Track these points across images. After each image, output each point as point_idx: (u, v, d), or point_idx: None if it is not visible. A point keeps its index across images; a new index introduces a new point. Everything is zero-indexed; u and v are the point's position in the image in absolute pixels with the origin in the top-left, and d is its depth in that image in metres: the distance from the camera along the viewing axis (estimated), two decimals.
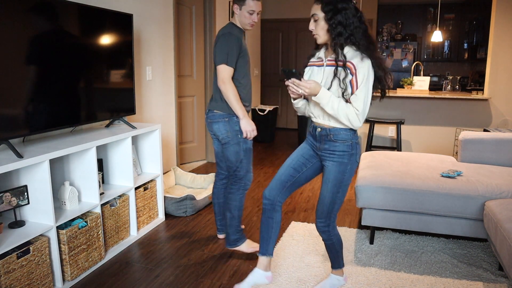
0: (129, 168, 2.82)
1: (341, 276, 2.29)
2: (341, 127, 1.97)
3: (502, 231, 2.16)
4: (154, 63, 3.75)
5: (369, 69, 1.88)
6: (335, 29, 1.87)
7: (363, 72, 1.87)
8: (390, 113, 5.06)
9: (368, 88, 1.90)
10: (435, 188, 2.66)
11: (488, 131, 4.38)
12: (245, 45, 2.56)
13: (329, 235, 2.13)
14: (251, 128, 2.52)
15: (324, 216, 2.08)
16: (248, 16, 2.48)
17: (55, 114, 2.38)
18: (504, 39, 4.68)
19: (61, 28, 2.37)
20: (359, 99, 1.89)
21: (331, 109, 1.90)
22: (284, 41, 7.54)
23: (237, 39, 2.45)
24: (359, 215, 3.37)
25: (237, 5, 2.49)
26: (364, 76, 1.87)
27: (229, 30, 2.48)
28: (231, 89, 2.44)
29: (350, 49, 1.91)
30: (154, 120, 3.82)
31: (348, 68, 1.88)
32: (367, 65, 1.88)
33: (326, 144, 2.02)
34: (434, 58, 8.04)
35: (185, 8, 4.53)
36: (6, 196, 2.04)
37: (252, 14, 2.48)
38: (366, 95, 1.90)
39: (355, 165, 2.03)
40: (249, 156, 2.61)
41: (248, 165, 2.61)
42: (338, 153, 1.99)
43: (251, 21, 2.51)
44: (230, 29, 2.50)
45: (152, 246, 2.83)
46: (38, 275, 2.12)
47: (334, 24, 1.87)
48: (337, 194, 2.04)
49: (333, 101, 1.89)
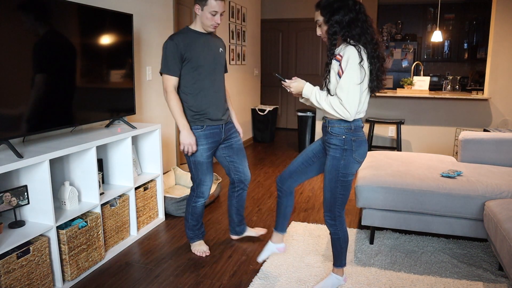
0: (129, 168, 2.82)
1: (341, 276, 2.30)
2: (336, 119, 2.02)
3: (502, 231, 2.16)
4: (154, 63, 3.75)
5: (351, 55, 1.89)
6: (331, 29, 1.95)
7: (345, 59, 1.91)
8: (390, 113, 5.06)
9: (351, 76, 1.89)
10: (435, 188, 2.66)
11: (488, 131, 4.38)
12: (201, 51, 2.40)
13: (336, 229, 2.18)
14: (188, 141, 2.39)
15: (328, 210, 2.15)
16: (210, 17, 2.34)
17: (55, 114, 2.38)
18: (504, 39, 4.68)
19: (61, 28, 2.37)
20: (341, 87, 1.91)
21: (315, 101, 1.99)
22: (284, 41, 7.54)
23: (175, 46, 2.33)
24: (359, 215, 3.37)
25: (198, 5, 2.34)
26: (346, 63, 1.90)
27: (171, 36, 2.38)
28: (170, 99, 2.37)
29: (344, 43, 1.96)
30: (154, 120, 3.82)
31: (337, 60, 1.94)
32: (348, 51, 1.90)
33: (326, 136, 2.10)
34: (434, 58, 8.04)
35: (185, 8, 4.53)
36: (6, 196, 2.04)
37: (214, 15, 2.34)
38: (350, 83, 1.90)
39: (351, 162, 2.03)
40: (200, 169, 2.51)
41: (198, 177, 2.53)
42: (332, 146, 2.05)
43: (213, 23, 2.37)
44: (174, 34, 2.41)
45: (152, 246, 2.83)
46: (38, 275, 2.12)
47: (331, 25, 1.94)
48: (336, 189, 2.07)
49: (315, 93, 1.98)
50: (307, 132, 5.66)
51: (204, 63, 2.42)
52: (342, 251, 2.24)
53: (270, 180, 4.44)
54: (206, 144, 2.49)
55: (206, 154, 2.50)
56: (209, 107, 2.47)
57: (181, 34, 2.41)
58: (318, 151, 2.21)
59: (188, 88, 2.43)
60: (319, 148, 2.21)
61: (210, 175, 2.57)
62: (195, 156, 2.48)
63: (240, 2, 5.75)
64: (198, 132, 2.46)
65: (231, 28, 5.47)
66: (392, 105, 5.03)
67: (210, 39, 2.48)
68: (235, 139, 2.66)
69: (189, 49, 2.37)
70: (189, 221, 2.68)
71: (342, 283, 2.32)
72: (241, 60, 5.95)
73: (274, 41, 7.59)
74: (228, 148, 2.64)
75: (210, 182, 2.58)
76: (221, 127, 2.54)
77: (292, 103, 7.69)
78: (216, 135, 2.53)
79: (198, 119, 2.46)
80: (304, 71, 7.49)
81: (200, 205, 2.63)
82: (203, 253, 2.70)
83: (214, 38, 2.53)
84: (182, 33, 2.41)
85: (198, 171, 2.52)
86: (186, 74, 2.41)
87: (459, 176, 2.81)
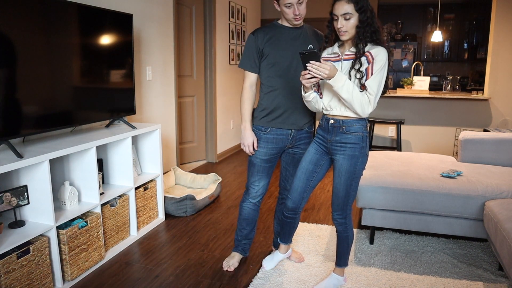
0: (129, 168, 2.82)
1: (342, 276, 2.31)
2: (355, 118, 2.01)
3: (502, 231, 2.16)
4: (154, 63, 3.75)
5: (386, 58, 1.93)
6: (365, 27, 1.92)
7: (380, 59, 1.92)
8: (390, 113, 5.06)
9: (383, 76, 1.94)
10: (435, 188, 2.66)
11: (488, 131, 4.38)
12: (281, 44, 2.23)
13: (346, 227, 2.18)
14: (247, 142, 2.30)
15: (341, 209, 2.14)
16: (287, 10, 2.15)
17: (55, 114, 2.38)
18: (504, 39, 4.68)
19: (61, 28, 2.37)
20: (374, 81, 1.92)
21: (346, 92, 1.89)
22: None
23: (254, 40, 2.23)
24: (359, 215, 3.37)
25: (275, 1, 2.19)
26: (381, 64, 1.92)
27: (254, 30, 2.28)
28: (242, 95, 2.30)
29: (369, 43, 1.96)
30: (154, 120, 3.82)
31: (365, 57, 1.93)
32: (384, 53, 1.93)
33: (337, 136, 2.04)
34: (434, 58, 8.04)
35: (185, 8, 4.53)
36: (6, 196, 2.04)
37: (289, 7, 2.13)
38: (381, 81, 1.94)
39: (365, 158, 2.06)
40: (251, 169, 2.40)
41: (248, 177, 2.44)
42: (349, 145, 2.02)
43: (293, 15, 2.15)
44: (257, 29, 2.29)
45: (152, 246, 2.83)
46: (38, 275, 2.11)
47: (364, 22, 1.92)
48: (350, 187, 2.08)
49: (348, 84, 1.89)
50: None
51: (281, 60, 2.24)
52: (348, 250, 2.25)
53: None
54: (264, 148, 2.33)
55: (261, 158, 2.35)
56: (279, 108, 2.28)
57: (265, 28, 2.26)
58: (318, 160, 2.14)
59: (263, 85, 2.32)
60: (317, 156, 2.14)
61: (262, 179, 2.41)
62: (251, 155, 2.38)
63: (240, 2, 5.75)
64: (259, 134, 2.33)
65: (231, 28, 5.47)
66: (392, 105, 5.03)
67: (300, 34, 2.26)
68: (301, 151, 2.39)
69: (268, 44, 2.22)
70: (238, 223, 2.56)
71: (343, 283, 2.32)
72: None
73: None
74: (290, 155, 2.43)
75: (260, 186, 2.42)
76: (289, 133, 2.33)
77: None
78: (280, 141, 2.33)
79: (264, 119, 2.32)
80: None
81: (247, 206, 2.47)
82: (228, 267, 2.53)
83: (308, 33, 2.29)
84: (267, 27, 2.27)
85: (249, 170, 2.42)
86: (263, 70, 2.28)
87: (459, 176, 2.81)
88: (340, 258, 2.27)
